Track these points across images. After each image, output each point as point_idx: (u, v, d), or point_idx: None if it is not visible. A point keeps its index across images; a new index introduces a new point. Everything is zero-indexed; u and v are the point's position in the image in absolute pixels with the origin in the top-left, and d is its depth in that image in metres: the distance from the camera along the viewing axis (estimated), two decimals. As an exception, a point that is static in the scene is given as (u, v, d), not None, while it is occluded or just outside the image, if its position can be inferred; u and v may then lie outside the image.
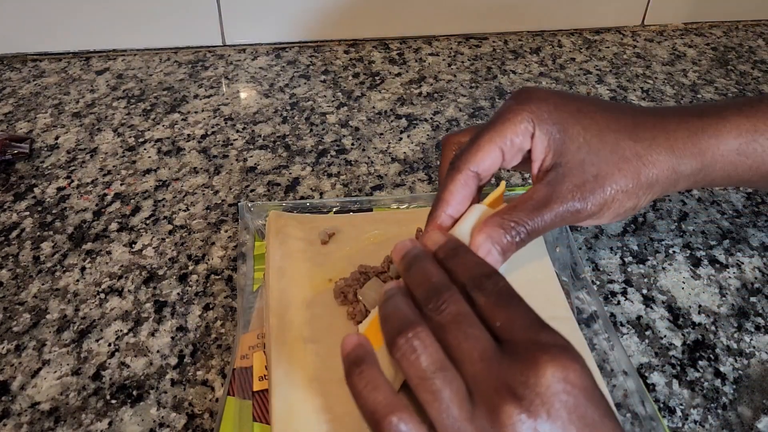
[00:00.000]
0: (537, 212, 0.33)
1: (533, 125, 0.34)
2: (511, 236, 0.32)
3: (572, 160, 0.34)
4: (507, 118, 0.35)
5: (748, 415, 0.36)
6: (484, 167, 0.35)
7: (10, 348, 0.40)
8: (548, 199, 0.33)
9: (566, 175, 0.34)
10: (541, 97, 0.35)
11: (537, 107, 0.34)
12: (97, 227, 0.49)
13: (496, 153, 0.35)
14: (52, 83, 0.67)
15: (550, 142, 0.34)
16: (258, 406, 0.35)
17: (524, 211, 0.33)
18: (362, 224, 0.46)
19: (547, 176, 0.34)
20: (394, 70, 0.71)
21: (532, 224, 0.33)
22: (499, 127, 0.35)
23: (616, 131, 0.34)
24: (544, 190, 0.34)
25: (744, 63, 0.74)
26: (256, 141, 0.59)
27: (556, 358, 0.24)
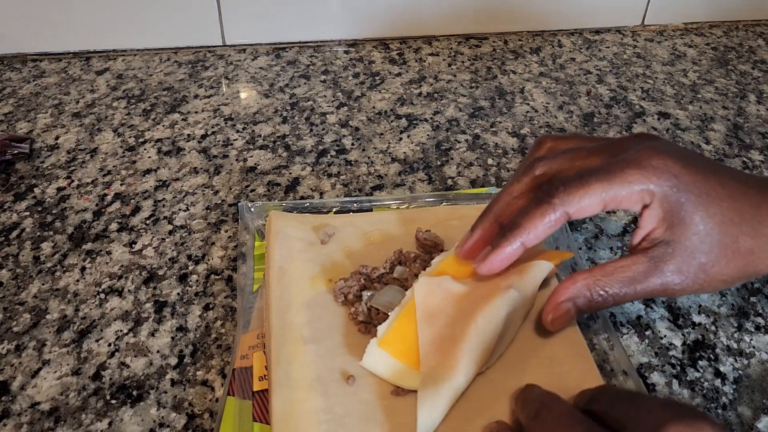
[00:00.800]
0: (632, 285, 0.32)
1: (652, 197, 0.32)
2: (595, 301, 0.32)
3: (685, 243, 0.32)
4: (626, 178, 0.32)
5: (748, 415, 0.36)
6: (579, 213, 0.33)
7: (10, 348, 0.40)
8: (648, 275, 0.32)
9: (674, 256, 0.32)
10: (671, 169, 0.32)
11: (664, 180, 0.32)
12: (97, 227, 0.49)
13: (597, 204, 0.33)
14: (52, 83, 0.67)
15: (666, 219, 0.32)
16: (258, 406, 0.35)
17: (619, 281, 0.32)
18: (362, 224, 0.46)
19: (652, 250, 0.33)
20: (394, 70, 0.71)
21: (621, 295, 0.33)
22: (615, 181, 0.32)
23: (738, 224, 0.33)
24: (646, 265, 0.33)
25: (744, 63, 0.74)
26: (256, 141, 0.59)
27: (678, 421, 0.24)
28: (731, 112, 0.64)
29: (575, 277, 0.33)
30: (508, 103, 0.65)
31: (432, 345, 0.34)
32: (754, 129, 0.62)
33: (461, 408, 0.33)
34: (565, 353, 0.36)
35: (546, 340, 0.37)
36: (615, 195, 0.32)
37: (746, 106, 0.65)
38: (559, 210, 0.32)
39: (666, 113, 0.64)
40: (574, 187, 0.32)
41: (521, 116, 0.63)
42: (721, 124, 0.62)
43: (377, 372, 0.35)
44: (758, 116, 0.64)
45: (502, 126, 0.61)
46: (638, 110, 0.64)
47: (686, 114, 0.64)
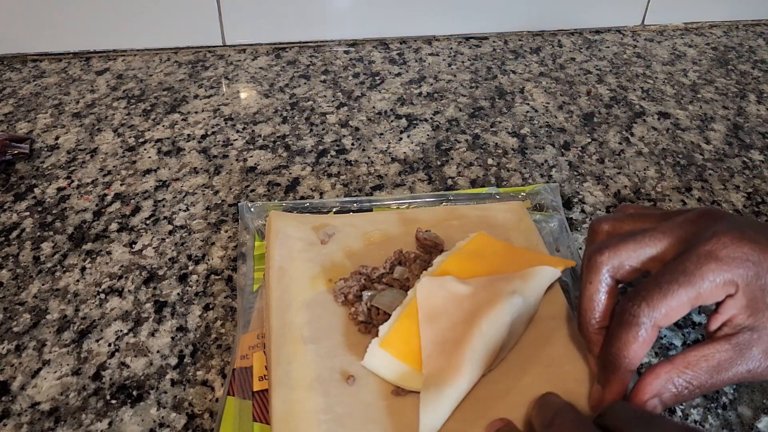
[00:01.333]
0: (717, 374, 0.31)
1: (735, 289, 0.31)
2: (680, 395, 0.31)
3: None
4: (706, 276, 0.31)
5: (748, 415, 0.36)
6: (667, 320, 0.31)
7: (10, 348, 0.40)
8: (734, 362, 0.31)
9: (759, 341, 0.31)
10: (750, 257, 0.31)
11: (746, 269, 0.31)
12: (97, 227, 0.49)
13: (685, 308, 0.31)
14: (52, 83, 0.67)
15: (749, 305, 0.31)
16: (258, 406, 0.35)
17: (705, 371, 0.31)
18: (362, 224, 0.46)
19: (736, 337, 0.31)
20: (394, 70, 0.71)
21: (708, 386, 0.31)
22: (696, 282, 0.31)
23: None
24: (731, 353, 0.31)
25: (744, 63, 0.74)
26: (256, 141, 0.59)
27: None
28: (731, 112, 0.64)
29: (657, 371, 0.31)
30: (508, 103, 0.65)
31: (434, 346, 0.34)
32: (754, 129, 0.62)
33: (462, 409, 0.33)
34: (565, 354, 0.36)
35: (547, 342, 0.37)
36: (699, 294, 0.31)
37: (746, 106, 0.65)
38: (649, 326, 0.31)
39: (666, 113, 0.64)
40: (656, 299, 0.31)
41: (521, 116, 0.63)
42: (721, 124, 0.62)
43: (379, 372, 0.35)
44: (758, 116, 0.64)
45: (502, 126, 0.61)
46: (638, 110, 0.64)
47: (686, 114, 0.64)
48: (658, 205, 0.51)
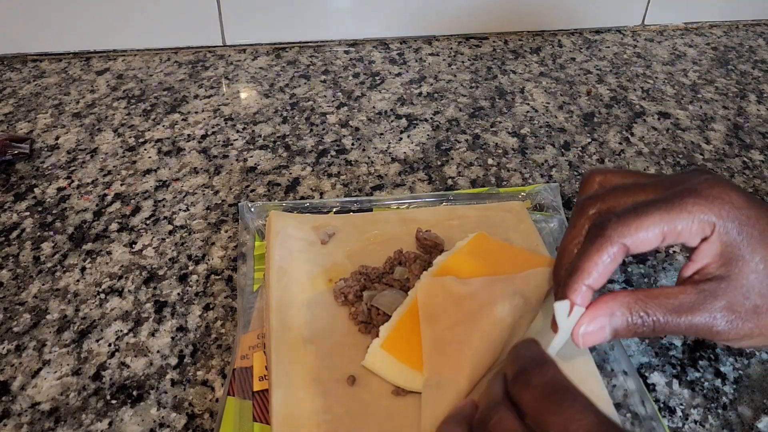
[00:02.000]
0: (675, 315, 0.30)
1: (712, 230, 0.30)
2: (633, 323, 0.30)
3: (740, 281, 0.30)
4: (686, 208, 0.30)
5: (748, 415, 0.36)
6: (638, 244, 0.30)
7: (11, 348, 0.40)
8: (695, 307, 0.30)
9: (726, 293, 0.30)
10: (732, 200, 0.30)
11: (725, 212, 0.30)
12: (97, 227, 0.49)
13: (656, 235, 0.30)
14: (53, 83, 0.67)
15: (724, 254, 0.30)
16: (258, 406, 0.35)
17: (663, 307, 0.30)
18: (362, 224, 0.46)
19: (704, 284, 0.31)
20: (394, 70, 0.71)
21: (663, 323, 0.30)
22: (674, 211, 0.30)
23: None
24: (695, 297, 0.30)
25: (744, 63, 0.74)
26: (256, 141, 0.59)
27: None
28: (731, 112, 0.64)
29: (615, 294, 0.31)
30: (508, 103, 0.65)
31: (435, 347, 0.34)
32: (754, 129, 0.62)
33: None
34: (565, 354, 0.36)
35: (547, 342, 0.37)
36: (674, 226, 0.30)
37: (746, 106, 0.65)
38: (617, 243, 0.30)
39: (666, 113, 0.64)
40: (629, 218, 0.30)
41: (521, 116, 0.63)
42: (722, 124, 0.62)
43: (379, 373, 0.35)
44: (758, 116, 0.64)
45: (502, 126, 0.61)
46: (638, 110, 0.64)
47: (686, 114, 0.64)
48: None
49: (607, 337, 0.31)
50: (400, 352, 0.35)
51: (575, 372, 0.35)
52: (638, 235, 0.30)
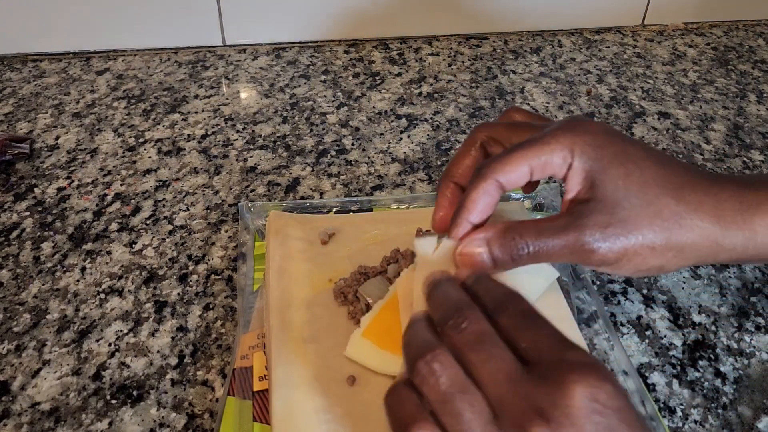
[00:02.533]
0: (547, 236, 0.31)
1: (572, 156, 0.32)
2: (507, 248, 0.32)
3: (605, 199, 0.32)
4: (547, 141, 0.33)
5: (748, 415, 0.36)
6: (509, 180, 0.33)
7: (11, 348, 0.40)
8: (564, 227, 0.31)
9: (593, 211, 0.32)
10: (589, 130, 0.33)
11: (582, 139, 0.32)
12: (97, 227, 0.49)
13: (524, 170, 0.33)
14: (53, 83, 0.67)
15: (588, 178, 0.32)
16: (258, 406, 0.35)
17: (533, 230, 0.32)
18: (362, 224, 0.46)
19: (574, 207, 0.32)
20: (394, 70, 0.71)
21: (535, 246, 0.31)
22: (537, 146, 0.33)
23: (660, 186, 0.32)
24: (565, 219, 0.32)
25: (744, 63, 0.74)
26: (256, 141, 0.59)
27: (585, 378, 0.24)
28: (731, 112, 0.64)
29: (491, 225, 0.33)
30: (508, 103, 0.65)
31: None
32: (754, 129, 0.62)
33: None
34: None
35: None
36: (538, 160, 0.33)
37: (746, 106, 0.65)
38: (491, 180, 0.33)
39: (666, 113, 0.64)
40: (502, 159, 0.33)
41: (521, 116, 0.63)
42: (721, 124, 0.62)
43: (361, 361, 0.35)
44: (758, 116, 0.64)
45: (502, 126, 0.61)
46: (638, 110, 0.64)
47: (686, 114, 0.64)
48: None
49: (486, 261, 0.32)
50: (380, 340, 0.35)
51: None
52: (507, 170, 0.33)
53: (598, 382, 0.24)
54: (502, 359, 0.25)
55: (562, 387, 0.23)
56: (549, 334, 0.26)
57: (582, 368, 0.24)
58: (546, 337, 0.26)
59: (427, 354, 0.26)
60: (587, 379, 0.23)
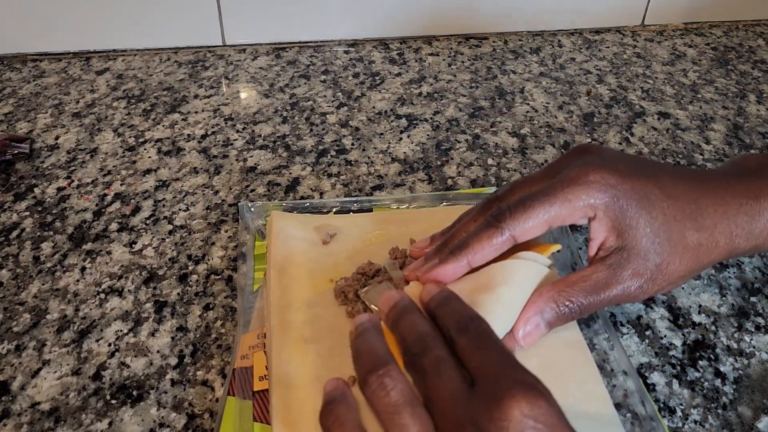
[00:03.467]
0: (594, 294, 0.34)
1: (594, 211, 0.34)
2: (562, 313, 0.34)
3: (636, 246, 0.34)
4: (566, 197, 0.34)
5: (748, 415, 0.36)
6: (524, 234, 0.34)
7: (10, 348, 0.40)
8: (608, 282, 0.34)
9: (629, 261, 0.34)
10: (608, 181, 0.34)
11: (602, 192, 0.34)
12: (97, 227, 0.49)
13: (542, 225, 0.34)
14: (52, 83, 0.67)
15: (614, 226, 0.34)
16: (258, 406, 0.35)
17: (582, 291, 0.34)
18: (364, 224, 0.46)
19: (609, 258, 0.34)
20: (394, 70, 0.71)
21: (586, 304, 0.34)
22: (556, 202, 0.34)
23: (680, 221, 0.35)
24: (606, 273, 0.34)
25: (744, 63, 0.74)
26: (256, 141, 0.59)
27: (521, 394, 0.25)
28: (731, 112, 0.64)
29: (541, 291, 0.34)
30: (508, 103, 0.65)
31: None
32: (754, 129, 0.62)
33: None
34: (564, 354, 0.36)
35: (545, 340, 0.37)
36: (557, 214, 0.34)
37: (746, 106, 0.65)
38: (506, 233, 0.34)
39: (666, 113, 0.64)
40: (518, 211, 0.34)
41: (521, 116, 0.63)
42: (721, 124, 0.62)
43: None
44: (758, 116, 0.64)
45: (502, 126, 0.61)
46: (638, 110, 0.64)
47: (686, 114, 0.64)
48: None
49: (544, 332, 0.34)
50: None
51: (575, 373, 0.35)
52: (525, 225, 0.34)
53: (534, 400, 0.25)
54: (450, 379, 0.27)
55: (499, 403, 0.25)
56: (497, 354, 0.28)
57: (520, 386, 0.25)
58: (494, 357, 0.28)
59: (379, 369, 0.28)
60: (524, 396, 0.25)
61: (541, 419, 0.25)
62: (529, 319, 0.34)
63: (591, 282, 0.34)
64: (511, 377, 0.26)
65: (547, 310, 0.34)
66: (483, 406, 0.25)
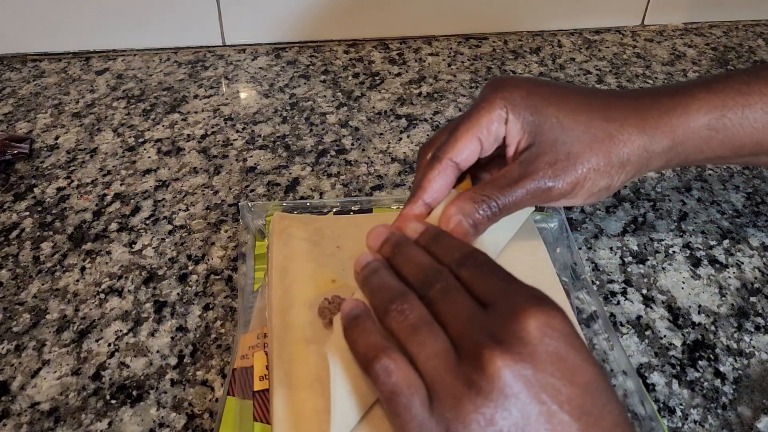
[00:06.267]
0: (509, 188, 0.34)
1: (506, 111, 0.35)
2: (483, 210, 0.34)
3: (545, 139, 0.35)
4: (481, 108, 0.36)
5: (748, 415, 0.36)
6: (463, 157, 0.36)
7: (10, 348, 0.40)
8: (521, 176, 0.34)
9: (539, 154, 0.35)
10: (513, 83, 0.36)
11: (509, 93, 0.35)
12: (97, 227, 0.49)
13: (474, 143, 0.36)
14: (52, 83, 0.67)
15: (524, 125, 0.35)
16: (258, 406, 0.35)
17: (496, 186, 0.34)
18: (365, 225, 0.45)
19: (521, 155, 0.35)
20: (394, 70, 0.71)
21: (503, 199, 0.34)
22: (475, 116, 0.36)
23: (588, 112, 0.35)
24: (517, 169, 0.35)
25: (744, 63, 0.74)
26: (256, 141, 0.59)
27: (536, 307, 0.26)
28: (731, 112, 0.64)
29: (462, 195, 0.35)
30: (508, 103, 0.65)
31: None
32: (753, 129, 0.62)
33: None
34: None
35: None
36: (481, 127, 0.35)
37: (746, 106, 0.65)
38: (446, 161, 0.35)
39: (666, 113, 0.64)
40: (450, 139, 0.36)
41: (521, 116, 0.63)
42: (721, 124, 0.62)
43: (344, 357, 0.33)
44: (758, 116, 0.64)
45: (502, 126, 0.61)
46: (638, 110, 0.64)
47: (686, 114, 0.64)
48: (657, 206, 0.51)
49: (470, 231, 0.34)
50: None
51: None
52: (459, 148, 0.35)
53: (549, 311, 0.26)
54: (463, 304, 0.28)
55: (515, 316, 0.26)
56: (504, 278, 0.28)
57: (534, 300, 0.26)
58: (502, 281, 0.28)
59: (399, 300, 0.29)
60: (539, 308, 0.26)
61: (556, 329, 0.25)
62: (449, 216, 0.34)
63: (505, 179, 0.34)
64: (523, 294, 0.27)
65: (466, 208, 0.34)
66: (499, 322, 0.26)
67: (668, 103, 0.36)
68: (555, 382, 0.24)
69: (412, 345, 0.27)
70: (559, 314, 0.26)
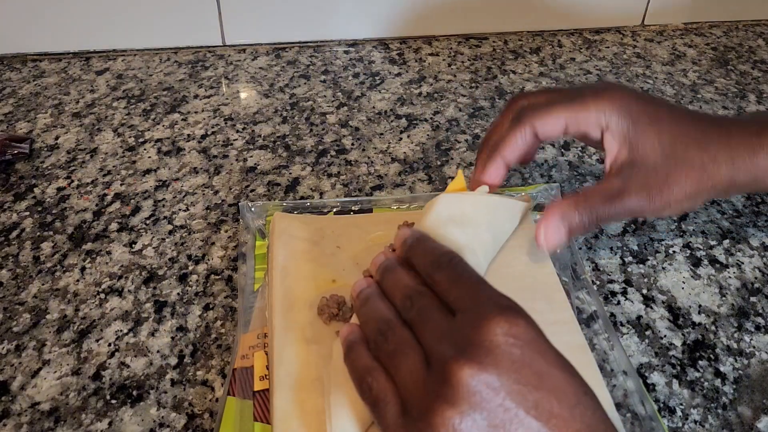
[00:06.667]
0: (609, 202, 0.37)
1: (607, 120, 0.38)
2: (581, 217, 0.37)
3: (647, 160, 0.38)
4: (586, 102, 0.38)
5: (748, 415, 0.36)
6: (545, 129, 0.38)
7: (10, 348, 0.40)
8: (621, 191, 0.37)
9: (640, 174, 0.37)
10: (621, 94, 0.39)
11: (616, 104, 0.38)
12: (97, 227, 0.49)
13: (561, 124, 0.38)
14: (52, 83, 0.67)
15: (626, 139, 0.38)
16: (259, 406, 0.35)
17: (598, 198, 0.37)
18: (366, 225, 0.46)
19: (622, 171, 0.38)
20: (394, 70, 0.71)
21: (602, 210, 0.37)
22: (576, 105, 0.38)
23: (686, 141, 0.38)
24: (619, 183, 0.37)
25: (744, 63, 0.74)
26: (256, 141, 0.59)
27: (500, 315, 0.27)
28: (731, 112, 0.64)
29: (563, 199, 0.38)
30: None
31: None
32: (754, 129, 0.62)
33: None
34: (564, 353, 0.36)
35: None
36: (575, 118, 0.38)
37: (746, 106, 0.65)
38: (527, 128, 0.38)
39: (666, 113, 0.64)
40: (541, 109, 0.39)
41: (521, 116, 0.63)
42: (721, 124, 0.62)
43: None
44: (758, 116, 0.64)
45: (502, 126, 0.61)
46: (638, 110, 0.64)
47: (686, 114, 0.64)
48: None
49: (564, 238, 0.37)
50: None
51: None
52: (545, 121, 0.38)
53: (512, 319, 0.27)
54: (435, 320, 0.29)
55: (479, 325, 0.27)
56: (473, 283, 0.30)
57: (498, 309, 0.27)
58: (471, 287, 0.29)
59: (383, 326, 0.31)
60: (503, 316, 0.26)
61: (520, 336, 0.26)
62: (549, 222, 0.37)
63: (607, 192, 0.37)
64: (489, 302, 0.28)
65: (568, 213, 0.37)
66: (466, 332, 0.27)
67: (756, 142, 0.38)
68: (520, 388, 0.25)
69: (390, 367, 0.29)
70: (523, 321, 0.27)
